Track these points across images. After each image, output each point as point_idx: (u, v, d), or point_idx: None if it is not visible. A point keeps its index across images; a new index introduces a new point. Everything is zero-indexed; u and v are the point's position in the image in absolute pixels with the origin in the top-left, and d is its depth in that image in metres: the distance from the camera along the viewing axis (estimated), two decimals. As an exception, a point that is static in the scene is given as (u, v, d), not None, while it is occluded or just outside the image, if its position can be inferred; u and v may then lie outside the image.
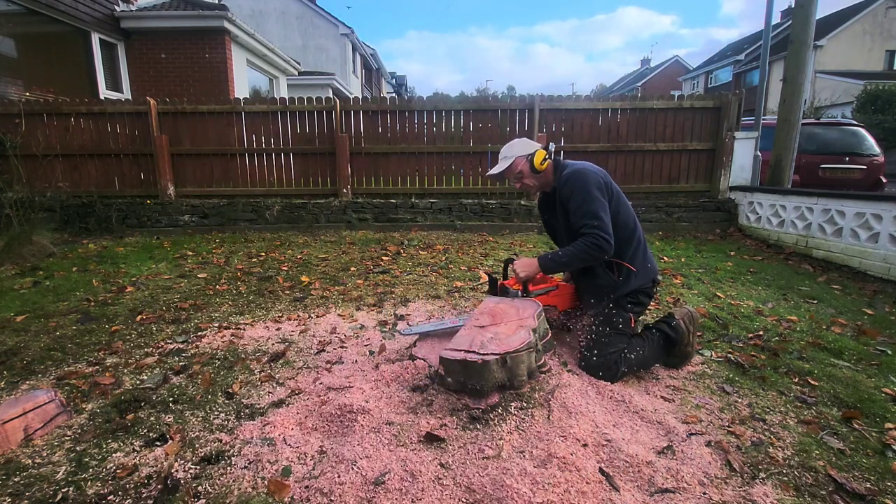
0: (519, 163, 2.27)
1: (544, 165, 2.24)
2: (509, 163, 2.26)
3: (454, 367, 1.86)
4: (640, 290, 2.19)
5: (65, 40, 7.58)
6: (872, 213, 4.18)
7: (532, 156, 2.23)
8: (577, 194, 2.09)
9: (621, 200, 2.21)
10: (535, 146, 2.27)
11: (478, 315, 2.25)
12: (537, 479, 1.44)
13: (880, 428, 1.77)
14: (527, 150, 2.26)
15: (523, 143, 2.32)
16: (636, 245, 2.21)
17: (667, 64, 42.43)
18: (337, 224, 6.37)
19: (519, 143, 2.32)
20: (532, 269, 2.22)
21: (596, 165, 2.24)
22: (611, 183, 2.20)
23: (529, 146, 2.29)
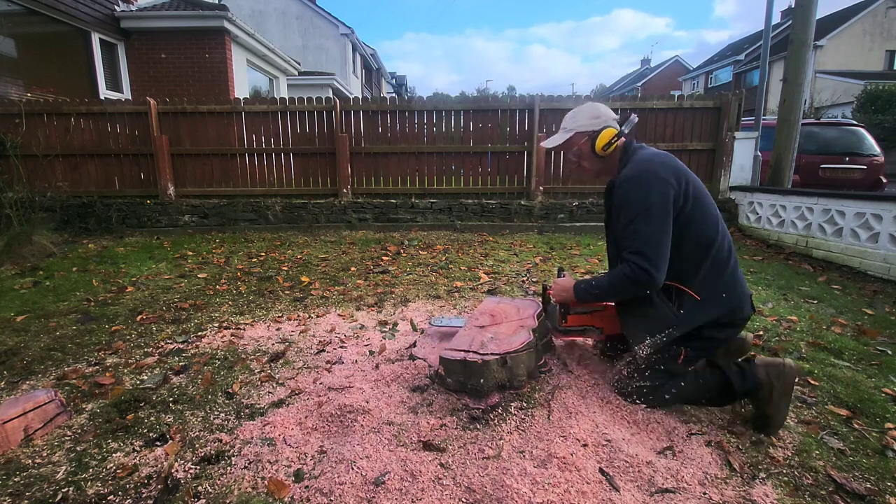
0: (578, 139, 1.83)
1: (609, 150, 1.79)
2: (567, 136, 1.85)
3: (454, 367, 1.86)
4: (709, 325, 1.70)
5: (65, 40, 7.58)
6: (872, 213, 4.18)
7: (596, 135, 1.78)
8: (629, 204, 1.65)
9: (698, 207, 1.69)
10: (604, 121, 1.80)
11: (478, 315, 2.25)
12: (537, 479, 1.44)
13: (880, 428, 1.77)
14: (592, 124, 1.81)
15: (591, 113, 1.83)
16: (710, 265, 1.68)
17: (667, 64, 42.44)
18: (337, 224, 6.37)
19: (586, 111, 1.84)
20: (567, 294, 1.89)
21: (671, 157, 1.74)
22: (688, 184, 1.68)
23: (596, 120, 1.81)
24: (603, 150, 1.79)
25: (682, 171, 1.71)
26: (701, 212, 1.69)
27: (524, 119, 6.44)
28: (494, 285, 3.68)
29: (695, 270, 1.69)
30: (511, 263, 4.42)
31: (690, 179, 1.71)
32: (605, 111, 1.83)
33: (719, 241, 1.71)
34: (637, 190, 1.64)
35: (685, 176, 1.70)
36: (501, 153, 6.57)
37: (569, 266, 4.30)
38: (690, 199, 1.68)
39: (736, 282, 1.72)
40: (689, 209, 1.67)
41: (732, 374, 1.71)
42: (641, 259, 1.62)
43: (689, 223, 1.67)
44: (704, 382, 1.74)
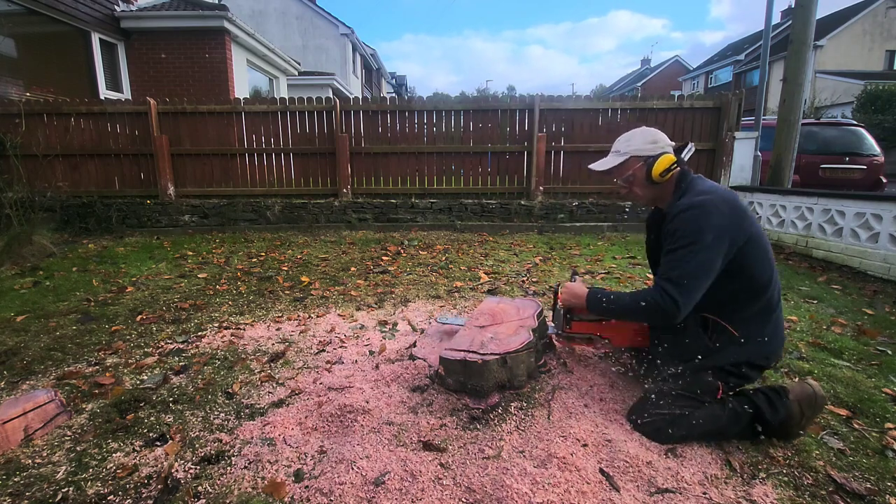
0: (633, 164, 1.75)
1: (666, 178, 1.70)
2: (622, 160, 1.76)
3: (454, 367, 1.86)
4: (746, 364, 1.66)
5: (65, 40, 7.58)
6: (872, 213, 4.18)
7: (654, 160, 1.70)
8: (683, 232, 1.57)
9: (758, 249, 1.61)
10: (661, 147, 1.72)
11: (478, 315, 2.25)
12: (537, 479, 1.44)
13: (880, 428, 1.77)
14: (649, 149, 1.72)
15: (648, 137, 1.74)
16: (759, 309, 1.63)
17: (667, 64, 42.45)
18: (337, 224, 6.37)
19: (642, 136, 1.75)
20: (576, 300, 1.84)
21: (733, 197, 1.63)
22: (749, 223, 1.61)
23: (654, 145, 1.72)
24: (661, 177, 1.70)
25: (742, 209, 1.62)
26: (759, 253, 1.61)
27: (524, 119, 6.44)
28: (494, 285, 3.68)
29: (742, 310, 1.63)
30: (511, 263, 4.42)
31: (750, 218, 1.63)
32: (662, 137, 1.75)
33: (773, 285, 1.64)
34: (694, 221, 1.56)
35: (745, 214, 1.62)
36: (501, 153, 6.57)
37: (569, 266, 4.30)
38: (750, 238, 1.59)
39: (778, 327, 1.67)
40: (749, 249, 1.59)
41: (761, 402, 1.62)
42: (674, 288, 1.54)
43: (746, 263, 1.60)
44: (735, 413, 1.63)
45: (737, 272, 1.59)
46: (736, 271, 1.59)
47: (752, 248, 1.59)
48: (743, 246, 1.58)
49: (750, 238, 1.59)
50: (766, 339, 1.63)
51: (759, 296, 1.62)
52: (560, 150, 6.50)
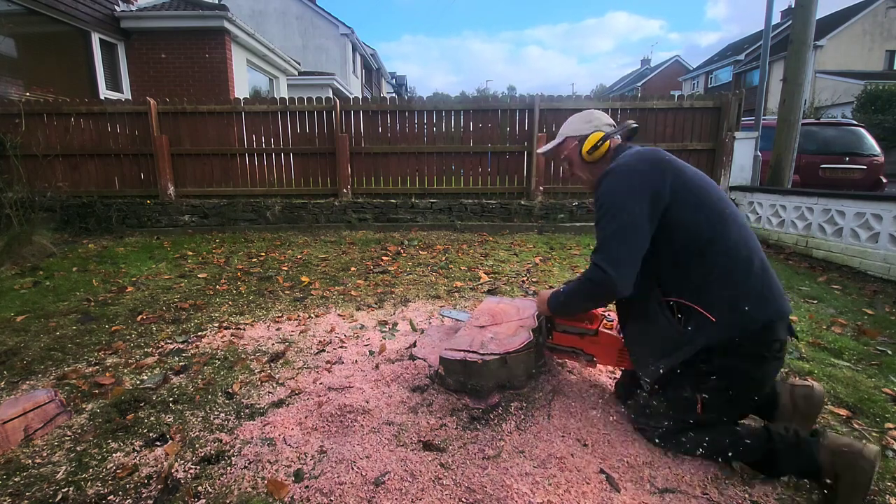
0: (569, 144, 1.76)
1: (595, 154, 1.66)
2: (559, 141, 1.80)
3: (454, 367, 1.86)
4: (722, 349, 1.39)
5: (65, 40, 7.58)
6: (872, 213, 4.18)
7: (584, 139, 1.68)
8: (599, 206, 1.51)
9: (689, 200, 1.45)
10: (593, 125, 1.71)
11: (478, 315, 2.25)
12: (537, 479, 1.44)
13: (880, 428, 1.77)
14: (582, 129, 1.72)
15: (584, 118, 1.76)
16: (719, 270, 1.40)
17: (667, 64, 42.44)
18: (337, 224, 6.37)
19: (580, 117, 1.77)
20: (542, 306, 1.80)
21: (656, 152, 1.55)
22: (675, 176, 1.48)
23: (587, 124, 1.72)
24: (589, 154, 1.67)
25: (667, 165, 1.49)
26: (693, 204, 1.45)
27: (524, 119, 6.44)
28: (494, 285, 3.68)
29: (698, 278, 1.41)
30: (511, 263, 4.42)
31: (679, 171, 1.49)
32: (598, 116, 1.74)
33: (727, 238, 1.41)
34: (607, 187, 1.50)
35: (671, 169, 1.49)
36: (501, 153, 6.57)
37: (569, 266, 4.30)
38: (678, 192, 1.45)
39: (763, 290, 1.39)
40: (677, 204, 1.44)
41: (780, 442, 1.38)
42: (599, 257, 1.45)
43: (678, 217, 1.44)
44: (739, 439, 1.42)
45: (673, 231, 1.44)
46: (672, 231, 1.44)
47: (682, 201, 1.44)
48: (671, 202, 1.44)
49: (679, 191, 1.45)
50: (747, 309, 1.35)
51: (708, 255, 1.40)
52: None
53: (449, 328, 2.54)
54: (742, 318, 1.37)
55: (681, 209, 1.45)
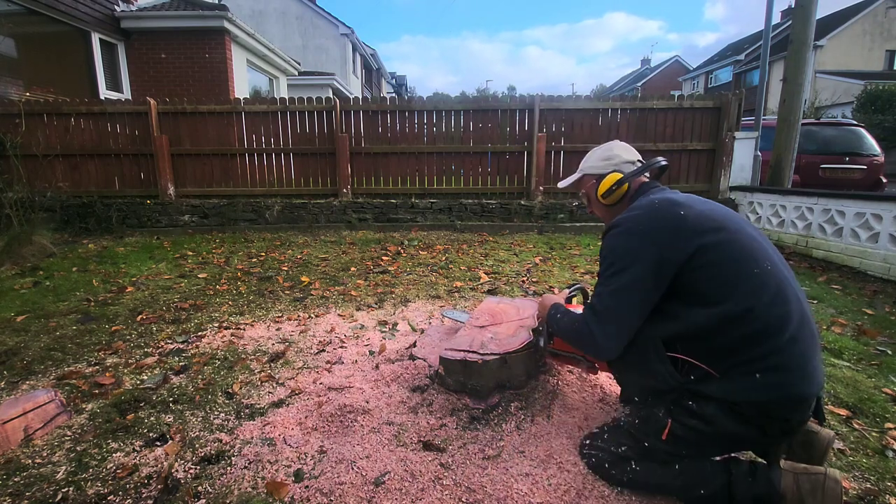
0: (586, 182, 1.66)
1: (610, 198, 1.53)
2: (577, 178, 1.69)
3: (454, 367, 1.86)
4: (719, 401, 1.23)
5: (65, 40, 7.58)
6: (872, 213, 4.18)
7: (600, 178, 1.56)
8: (602, 259, 1.40)
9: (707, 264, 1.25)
10: (614, 164, 1.56)
11: (478, 315, 2.25)
12: (537, 479, 1.44)
13: (880, 428, 1.77)
14: (597, 167, 1.59)
15: (603, 154, 1.59)
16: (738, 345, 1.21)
17: (667, 64, 42.44)
18: (337, 224, 6.37)
19: (599, 152, 1.61)
20: (542, 311, 1.72)
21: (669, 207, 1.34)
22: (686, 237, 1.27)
23: (606, 162, 1.57)
24: (603, 198, 1.54)
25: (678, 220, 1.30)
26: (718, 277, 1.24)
27: (524, 119, 6.44)
28: (494, 285, 3.68)
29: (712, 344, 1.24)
30: (511, 263, 4.42)
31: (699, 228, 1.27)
32: (618, 153, 1.56)
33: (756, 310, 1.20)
34: (612, 242, 1.38)
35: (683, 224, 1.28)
36: (501, 153, 6.57)
37: (568, 266, 4.30)
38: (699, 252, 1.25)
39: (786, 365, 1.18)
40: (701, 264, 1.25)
41: (737, 470, 1.27)
42: (593, 318, 1.36)
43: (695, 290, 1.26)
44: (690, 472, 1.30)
45: (688, 297, 1.27)
46: (687, 297, 1.27)
47: (706, 263, 1.24)
48: (688, 263, 1.25)
49: (697, 253, 1.25)
50: (758, 376, 1.18)
51: (730, 329, 1.21)
52: (560, 150, 6.50)
53: (449, 328, 2.55)
54: (751, 384, 1.19)
55: (698, 280, 1.25)
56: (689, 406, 1.27)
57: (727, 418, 1.22)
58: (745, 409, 1.20)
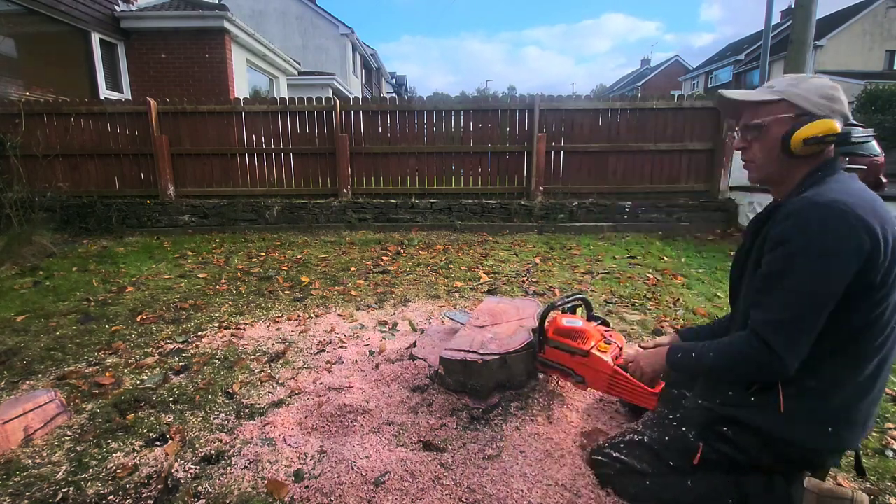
0: (778, 111, 1.16)
1: (806, 149, 1.13)
2: (768, 97, 1.18)
3: (454, 367, 1.86)
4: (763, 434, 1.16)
5: (65, 40, 7.57)
6: (872, 213, 4.18)
7: (806, 118, 1.13)
8: (793, 244, 1.06)
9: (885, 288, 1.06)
10: (833, 108, 1.14)
11: (478, 315, 2.25)
12: (537, 479, 1.44)
13: (880, 428, 1.77)
14: (810, 101, 1.14)
15: (821, 90, 1.15)
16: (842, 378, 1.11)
17: (667, 64, 42.43)
18: (337, 224, 6.37)
19: (814, 85, 1.16)
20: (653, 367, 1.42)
21: (880, 201, 1.17)
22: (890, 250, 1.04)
23: (825, 102, 1.14)
24: (802, 146, 1.12)
25: (883, 228, 1.04)
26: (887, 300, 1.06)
27: (524, 119, 6.44)
28: (494, 285, 3.68)
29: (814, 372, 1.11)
30: (511, 263, 4.42)
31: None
32: (843, 100, 1.17)
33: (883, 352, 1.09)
34: (816, 229, 1.04)
35: (885, 231, 1.04)
36: (501, 153, 6.57)
37: (569, 266, 4.30)
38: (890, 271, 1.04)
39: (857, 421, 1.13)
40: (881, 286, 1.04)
41: (754, 485, 1.20)
42: (773, 333, 1.07)
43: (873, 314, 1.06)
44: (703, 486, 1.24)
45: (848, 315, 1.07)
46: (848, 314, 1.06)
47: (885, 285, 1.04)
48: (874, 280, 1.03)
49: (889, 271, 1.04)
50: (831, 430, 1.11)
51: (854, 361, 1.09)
52: (560, 150, 6.50)
53: (449, 328, 2.55)
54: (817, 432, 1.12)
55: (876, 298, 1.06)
56: (723, 432, 1.21)
57: (762, 451, 1.18)
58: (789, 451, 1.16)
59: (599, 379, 1.65)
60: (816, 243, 1.04)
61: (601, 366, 1.62)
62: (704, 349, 1.23)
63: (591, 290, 3.52)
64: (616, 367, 1.58)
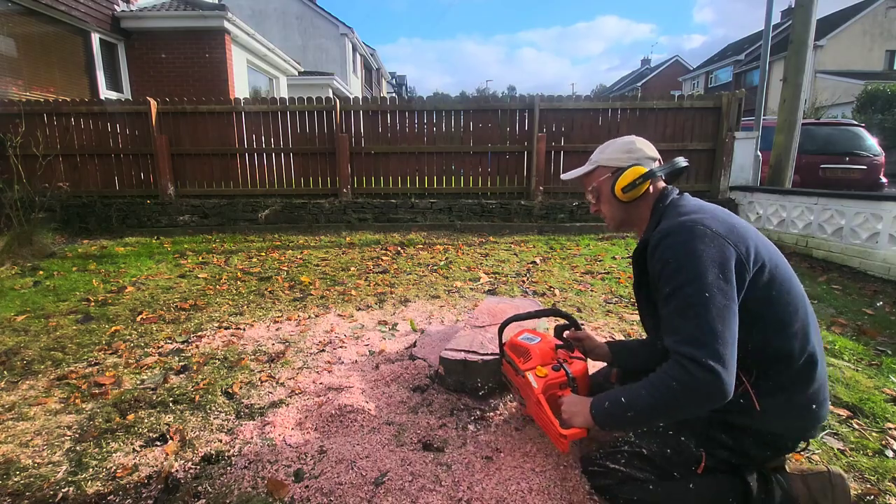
0: (600, 175, 1.42)
1: (630, 194, 1.34)
2: (589, 169, 1.45)
3: (454, 367, 1.87)
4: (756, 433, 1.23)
5: (65, 40, 7.57)
6: (872, 213, 4.18)
7: (618, 173, 1.35)
8: (674, 273, 1.15)
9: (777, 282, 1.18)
10: (636, 157, 1.37)
11: (478, 315, 2.26)
12: (537, 479, 1.44)
13: (880, 428, 1.77)
14: (619, 160, 1.38)
15: (624, 146, 1.40)
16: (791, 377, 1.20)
17: (667, 64, 42.42)
18: (337, 224, 6.37)
19: (619, 144, 1.41)
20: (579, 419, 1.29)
21: (726, 212, 1.26)
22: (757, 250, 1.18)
23: (627, 155, 1.37)
24: (623, 192, 1.33)
25: (745, 232, 1.20)
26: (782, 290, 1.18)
27: (524, 119, 6.44)
28: (494, 285, 3.68)
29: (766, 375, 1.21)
30: (511, 263, 4.42)
31: (762, 245, 1.20)
32: (641, 146, 1.38)
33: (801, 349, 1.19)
34: (681, 250, 1.14)
35: (753, 238, 1.20)
36: (501, 153, 6.57)
37: (569, 266, 4.29)
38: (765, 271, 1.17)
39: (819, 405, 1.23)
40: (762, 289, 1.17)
41: (751, 481, 1.24)
42: (701, 352, 1.06)
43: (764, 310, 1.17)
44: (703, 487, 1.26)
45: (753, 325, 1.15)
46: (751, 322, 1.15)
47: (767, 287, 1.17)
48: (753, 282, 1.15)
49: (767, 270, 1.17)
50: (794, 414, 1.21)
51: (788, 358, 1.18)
52: (560, 150, 6.50)
53: (449, 328, 2.55)
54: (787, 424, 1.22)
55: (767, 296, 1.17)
56: (721, 438, 1.24)
57: (761, 448, 1.24)
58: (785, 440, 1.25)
59: (529, 403, 1.51)
60: (688, 257, 1.13)
61: (529, 390, 1.47)
62: (634, 389, 1.17)
63: (591, 290, 3.52)
64: (539, 397, 1.40)
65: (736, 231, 1.18)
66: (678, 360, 1.09)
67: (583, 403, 1.29)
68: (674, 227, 1.18)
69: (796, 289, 1.22)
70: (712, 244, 1.13)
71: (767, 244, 1.23)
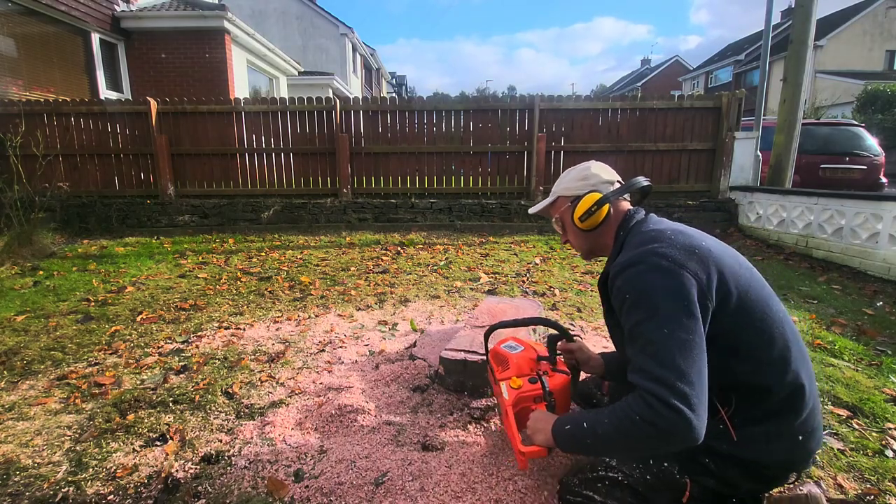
0: (561, 205, 1.40)
1: (589, 221, 1.30)
2: (550, 201, 1.43)
3: (454, 367, 1.87)
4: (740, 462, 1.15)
5: (65, 40, 7.57)
6: (872, 213, 4.18)
7: (576, 201, 1.33)
8: (633, 308, 1.10)
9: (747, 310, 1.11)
10: (591, 183, 1.33)
11: (478, 315, 2.26)
12: (537, 480, 1.44)
13: (880, 428, 1.77)
14: (572, 188, 1.36)
15: (575, 176, 1.37)
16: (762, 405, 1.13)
17: (667, 64, 42.42)
18: (337, 224, 6.36)
19: (575, 172, 1.39)
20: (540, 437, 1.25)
21: (689, 233, 1.19)
22: (722, 274, 1.10)
23: (582, 182, 1.35)
24: (580, 221, 1.30)
25: (708, 256, 1.11)
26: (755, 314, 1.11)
27: (524, 119, 6.44)
28: (494, 285, 3.68)
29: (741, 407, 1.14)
30: (511, 263, 4.42)
31: (728, 269, 1.11)
32: (596, 172, 1.34)
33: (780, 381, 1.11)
34: (638, 284, 1.09)
35: (717, 262, 1.11)
36: (501, 153, 6.57)
37: (568, 266, 4.29)
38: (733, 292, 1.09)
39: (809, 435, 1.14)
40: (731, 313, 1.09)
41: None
42: (665, 392, 0.98)
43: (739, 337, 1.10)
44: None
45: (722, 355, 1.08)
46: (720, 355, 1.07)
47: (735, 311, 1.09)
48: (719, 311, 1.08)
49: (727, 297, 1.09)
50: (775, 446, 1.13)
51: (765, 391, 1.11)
52: (560, 150, 6.50)
53: (449, 328, 2.55)
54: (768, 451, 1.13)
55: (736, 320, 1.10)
56: (706, 463, 1.16)
57: (747, 479, 1.16)
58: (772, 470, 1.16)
59: (502, 413, 1.48)
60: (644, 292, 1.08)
61: (500, 399, 1.45)
62: (598, 415, 1.12)
63: (590, 290, 3.52)
64: (508, 409, 1.36)
65: (697, 256, 1.09)
66: (643, 395, 1.02)
67: (546, 421, 1.23)
68: (631, 259, 1.13)
69: (773, 315, 1.13)
70: (669, 276, 1.06)
71: (736, 267, 1.14)
